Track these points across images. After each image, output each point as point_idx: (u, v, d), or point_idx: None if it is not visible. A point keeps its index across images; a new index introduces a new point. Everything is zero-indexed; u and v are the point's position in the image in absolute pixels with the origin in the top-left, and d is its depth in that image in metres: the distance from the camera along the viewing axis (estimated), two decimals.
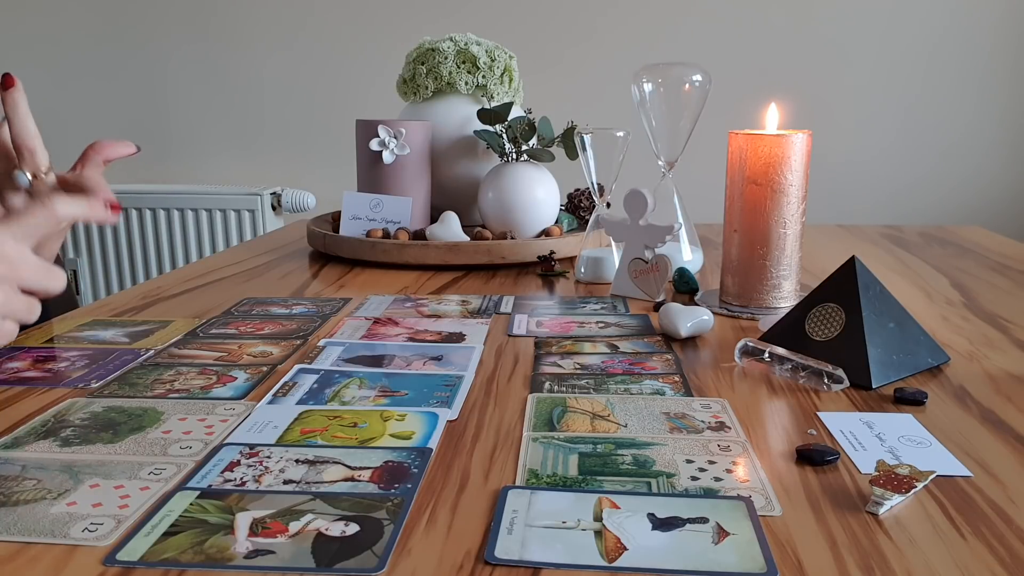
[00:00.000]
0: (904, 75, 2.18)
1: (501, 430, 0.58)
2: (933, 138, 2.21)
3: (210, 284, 1.04)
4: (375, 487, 0.49)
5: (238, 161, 2.43)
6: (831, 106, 2.19)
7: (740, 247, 0.89)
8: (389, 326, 0.85)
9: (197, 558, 0.41)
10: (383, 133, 1.20)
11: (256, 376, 0.69)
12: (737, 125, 0.93)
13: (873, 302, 0.70)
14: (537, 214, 1.18)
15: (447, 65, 1.27)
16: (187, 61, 2.38)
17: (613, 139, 1.00)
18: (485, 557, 0.41)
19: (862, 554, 0.42)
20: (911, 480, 0.48)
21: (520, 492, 0.48)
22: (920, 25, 2.16)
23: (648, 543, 0.43)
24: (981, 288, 1.02)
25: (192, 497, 0.48)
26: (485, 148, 1.26)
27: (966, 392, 0.66)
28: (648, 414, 0.61)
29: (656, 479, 0.50)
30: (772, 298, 0.88)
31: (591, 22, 2.23)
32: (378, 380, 0.69)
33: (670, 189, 1.08)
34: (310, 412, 0.61)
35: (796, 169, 0.85)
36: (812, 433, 0.58)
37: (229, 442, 0.56)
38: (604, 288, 1.02)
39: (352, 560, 0.41)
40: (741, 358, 0.71)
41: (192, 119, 2.41)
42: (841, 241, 1.37)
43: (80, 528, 0.44)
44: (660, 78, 1.03)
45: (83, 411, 0.61)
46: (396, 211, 1.21)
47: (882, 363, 0.67)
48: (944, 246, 1.32)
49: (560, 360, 0.74)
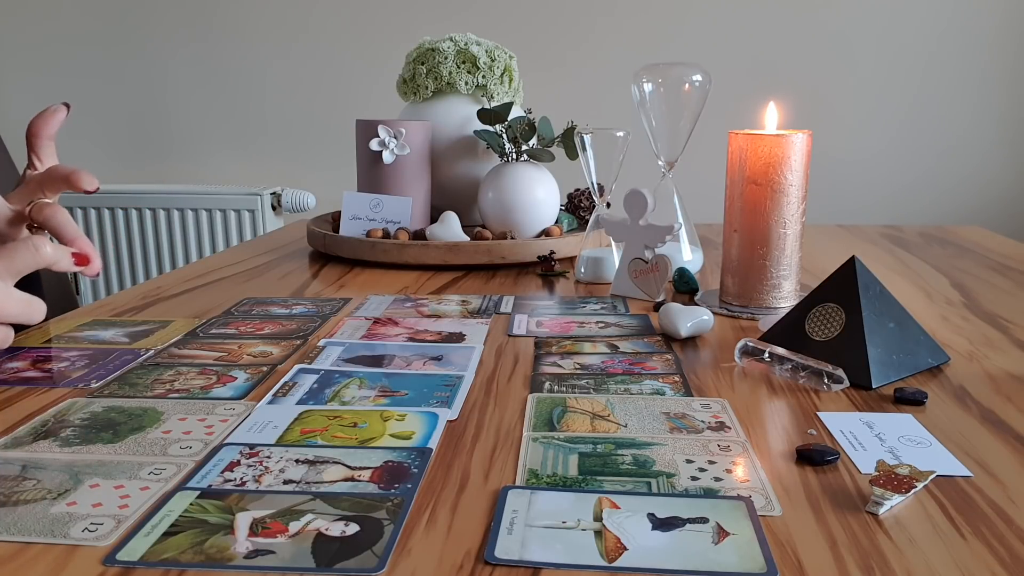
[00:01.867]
0: (904, 75, 2.18)
1: (501, 430, 0.58)
2: (933, 138, 2.21)
3: (210, 284, 1.04)
4: (375, 487, 0.49)
5: (238, 161, 2.43)
6: (831, 106, 2.19)
7: (740, 247, 0.89)
8: (389, 326, 0.85)
9: (197, 558, 0.41)
10: (383, 133, 1.20)
11: (256, 376, 0.69)
12: (737, 125, 0.93)
13: (873, 302, 0.70)
14: (537, 214, 1.18)
15: (447, 65, 1.27)
16: (187, 61, 2.38)
17: (613, 139, 1.00)
18: (485, 557, 0.41)
19: (862, 554, 0.42)
20: (911, 480, 0.48)
21: (520, 492, 0.48)
22: (920, 25, 2.16)
23: (648, 543, 0.43)
24: (981, 288, 1.02)
25: (192, 497, 0.48)
26: (485, 148, 1.26)
27: (966, 392, 0.66)
28: (648, 414, 0.61)
29: (656, 479, 0.50)
30: (772, 298, 0.88)
31: (591, 22, 2.23)
32: (378, 380, 0.69)
33: (670, 189, 1.08)
34: (310, 412, 0.61)
35: (796, 169, 0.85)
36: (812, 433, 0.58)
37: (229, 442, 0.56)
38: (604, 288, 1.02)
39: (352, 560, 0.41)
40: (741, 358, 0.71)
41: (192, 119, 2.41)
42: (841, 241, 1.37)
43: (80, 528, 0.44)
44: (660, 78, 1.03)
45: (83, 411, 0.61)
46: (396, 211, 1.21)
47: (882, 363, 0.67)
48: (944, 246, 1.32)
49: (560, 360, 0.74)
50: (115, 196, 2.36)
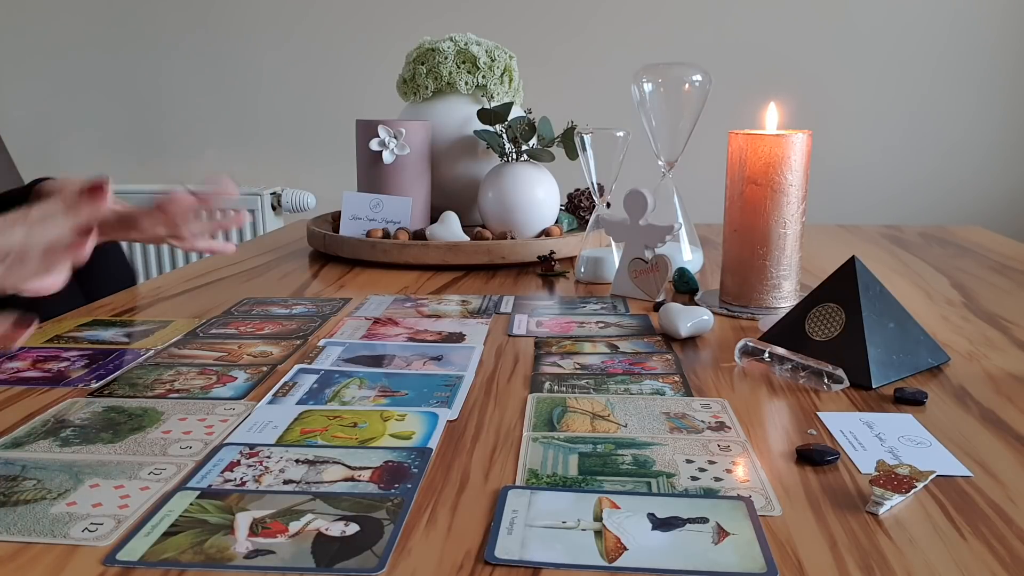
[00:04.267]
0: (904, 75, 2.18)
1: (501, 430, 0.58)
2: (933, 138, 2.21)
3: (210, 284, 1.04)
4: (375, 487, 0.49)
5: (238, 161, 2.43)
6: (831, 106, 2.19)
7: (740, 247, 0.89)
8: (389, 326, 0.85)
9: (197, 558, 0.41)
10: (383, 133, 1.20)
11: (256, 376, 0.69)
12: (737, 125, 0.93)
13: (873, 302, 0.70)
14: (537, 214, 1.18)
15: (447, 65, 1.27)
16: (188, 61, 2.38)
17: (613, 139, 1.00)
18: (485, 557, 0.41)
19: (862, 554, 0.42)
20: (911, 480, 0.48)
21: (520, 492, 0.48)
22: (921, 25, 2.16)
23: (648, 543, 0.43)
24: (981, 288, 1.02)
25: (192, 497, 0.48)
26: (485, 148, 1.26)
27: (966, 392, 0.66)
28: (648, 414, 0.61)
29: (656, 479, 0.50)
30: (772, 298, 0.88)
31: (591, 22, 2.23)
32: (378, 380, 0.68)
33: (670, 189, 1.08)
34: (310, 412, 0.61)
35: (796, 169, 0.85)
36: (812, 433, 0.58)
37: (229, 442, 0.56)
38: (604, 288, 1.02)
39: (352, 560, 0.41)
40: (741, 358, 0.71)
41: (193, 119, 2.41)
42: (841, 241, 1.37)
43: (80, 528, 0.44)
44: (660, 78, 1.03)
45: (83, 411, 0.61)
46: (396, 211, 1.21)
47: (882, 363, 0.67)
48: (944, 246, 1.32)
49: (560, 360, 0.74)
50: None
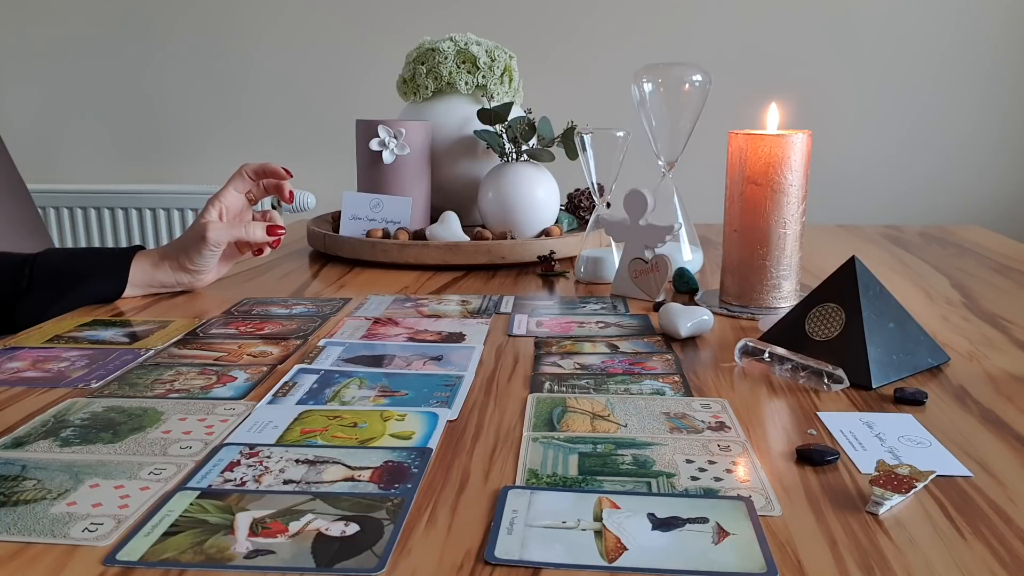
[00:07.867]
0: (905, 75, 2.18)
1: (501, 430, 0.58)
2: (934, 139, 2.21)
3: (210, 284, 1.04)
4: (375, 487, 0.49)
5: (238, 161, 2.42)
6: (831, 106, 2.19)
7: (740, 247, 0.89)
8: (389, 326, 0.85)
9: (197, 558, 0.41)
10: (383, 133, 1.20)
11: (256, 376, 0.69)
12: (737, 125, 0.93)
13: (873, 302, 0.70)
14: (537, 214, 1.18)
15: (447, 65, 1.27)
16: (188, 61, 2.38)
17: (613, 139, 1.00)
18: (485, 557, 0.41)
19: (862, 554, 0.42)
20: (911, 480, 0.48)
21: (520, 492, 0.48)
22: (922, 25, 2.16)
23: (648, 543, 0.43)
24: (981, 288, 1.02)
25: (192, 497, 0.48)
26: (485, 148, 1.26)
27: (966, 392, 0.66)
28: (648, 414, 0.61)
29: (656, 479, 0.50)
30: (772, 298, 0.88)
31: (591, 22, 2.23)
32: (378, 380, 0.68)
33: (670, 189, 1.08)
34: (310, 412, 0.61)
35: (796, 169, 0.85)
36: (812, 433, 0.58)
37: (229, 442, 0.56)
38: (604, 288, 1.02)
39: (352, 560, 0.41)
40: (741, 358, 0.71)
41: (193, 119, 2.41)
42: (841, 241, 1.37)
43: (80, 528, 0.44)
44: (660, 78, 1.03)
45: (83, 411, 0.61)
46: (396, 211, 1.21)
47: (882, 363, 0.67)
48: (944, 246, 1.32)
49: (560, 360, 0.74)
50: (116, 196, 2.36)
